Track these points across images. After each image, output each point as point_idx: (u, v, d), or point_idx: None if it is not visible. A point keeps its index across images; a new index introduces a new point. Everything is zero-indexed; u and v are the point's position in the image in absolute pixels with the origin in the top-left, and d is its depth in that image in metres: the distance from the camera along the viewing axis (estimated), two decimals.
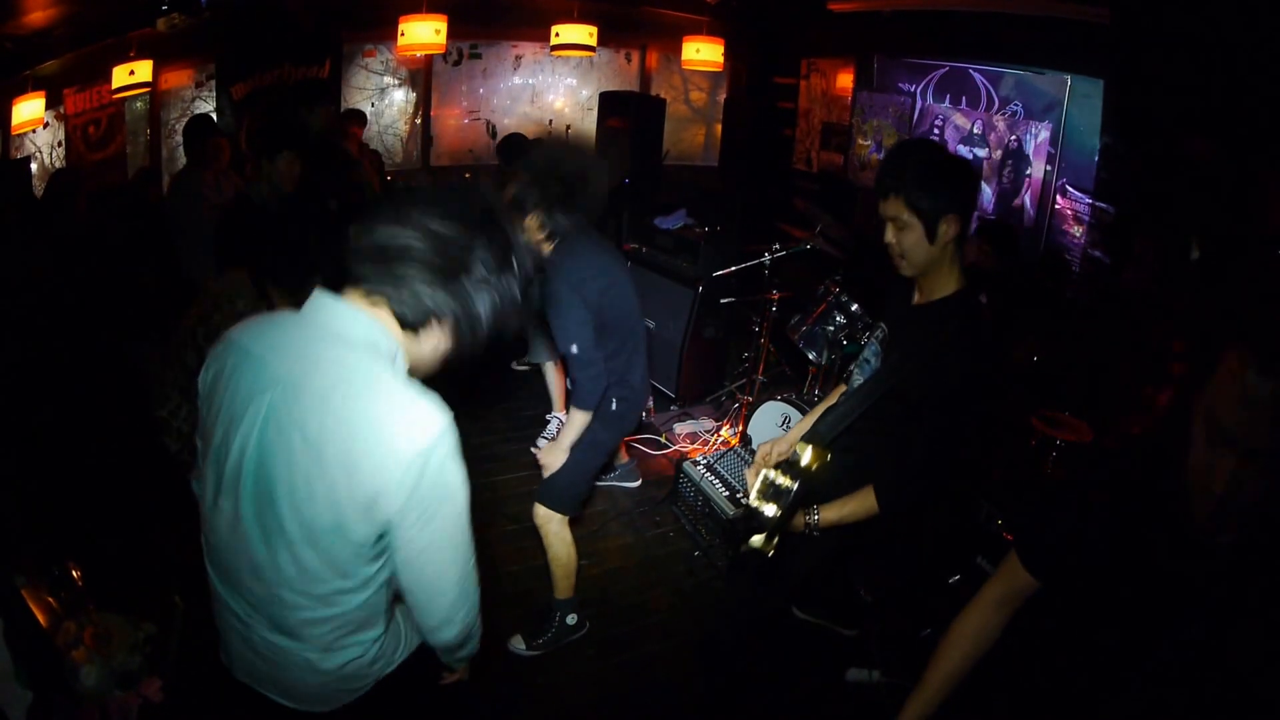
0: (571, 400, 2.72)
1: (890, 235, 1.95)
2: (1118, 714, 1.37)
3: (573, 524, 2.95)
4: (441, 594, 1.39)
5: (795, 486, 1.72)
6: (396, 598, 1.49)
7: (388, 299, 1.29)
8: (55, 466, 3.04)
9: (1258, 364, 1.10)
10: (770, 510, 1.72)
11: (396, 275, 1.27)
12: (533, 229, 2.59)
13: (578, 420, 2.72)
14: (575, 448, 2.79)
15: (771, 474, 1.77)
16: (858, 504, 1.99)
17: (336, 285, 1.31)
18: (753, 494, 1.79)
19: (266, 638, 1.39)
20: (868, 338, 2.28)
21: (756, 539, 1.75)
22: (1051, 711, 1.57)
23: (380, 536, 1.30)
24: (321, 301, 1.31)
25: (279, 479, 1.26)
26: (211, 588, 1.43)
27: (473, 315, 1.33)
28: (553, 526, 2.88)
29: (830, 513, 2.00)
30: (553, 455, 2.80)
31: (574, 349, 2.60)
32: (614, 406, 2.83)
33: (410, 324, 1.31)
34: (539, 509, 2.87)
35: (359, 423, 1.23)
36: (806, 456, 1.75)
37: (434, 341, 1.36)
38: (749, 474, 2.15)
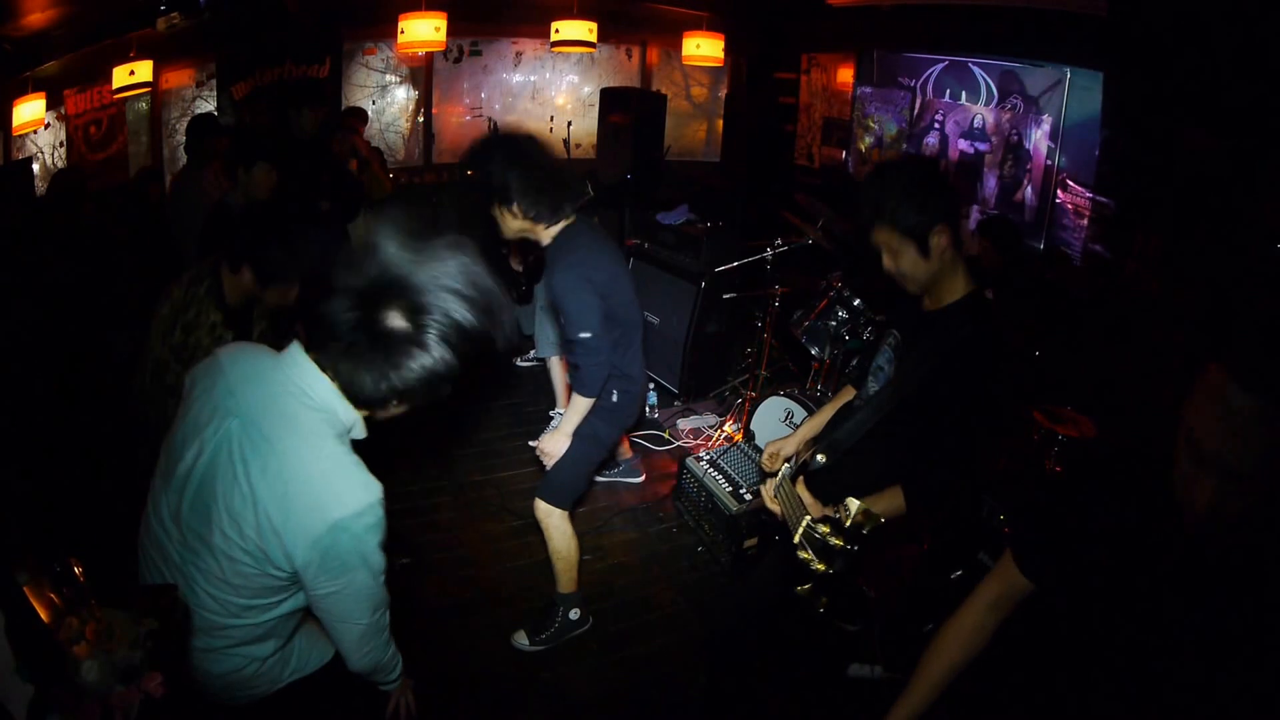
0: (574, 386, 2.73)
1: (887, 261, 1.97)
2: (1112, 715, 1.37)
3: (576, 520, 2.96)
4: (348, 632, 1.56)
5: (850, 549, 1.68)
6: (301, 622, 1.67)
7: (350, 388, 1.41)
8: (56, 463, 3.06)
9: (1240, 380, 1.04)
10: (822, 568, 1.69)
11: (364, 369, 1.36)
12: (530, 221, 2.62)
13: (580, 406, 2.72)
14: (575, 440, 2.80)
15: (817, 528, 1.73)
16: (887, 503, 1.96)
17: (315, 342, 1.42)
18: (800, 540, 1.76)
19: None
20: (873, 335, 2.28)
21: (805, 587, 1.73)
22: (1044, 713, 1.57)
23: (295, 575, 1.44)
24: (296, 356, 1.43)
25: (218, 495, 1.40)
26: (143, 566, 1.57)
27: (437, 390, 1.42)
28: (554, 521, 2.89)
29: None
30: (554, 442, 2.81)
31: (584, 334, 2.60)
32: (614, 399, 2.83)
33: (368, 406, 1.45)
34: (539, 504, 2.88)
35: (296, 477, 1.37)
36: (852, 514, 1.71)
37: (392, 409, 1.48)
38: (765, 489, 2.14)
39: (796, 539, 1.77)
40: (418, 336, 1.34)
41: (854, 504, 1.73)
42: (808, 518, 1.79)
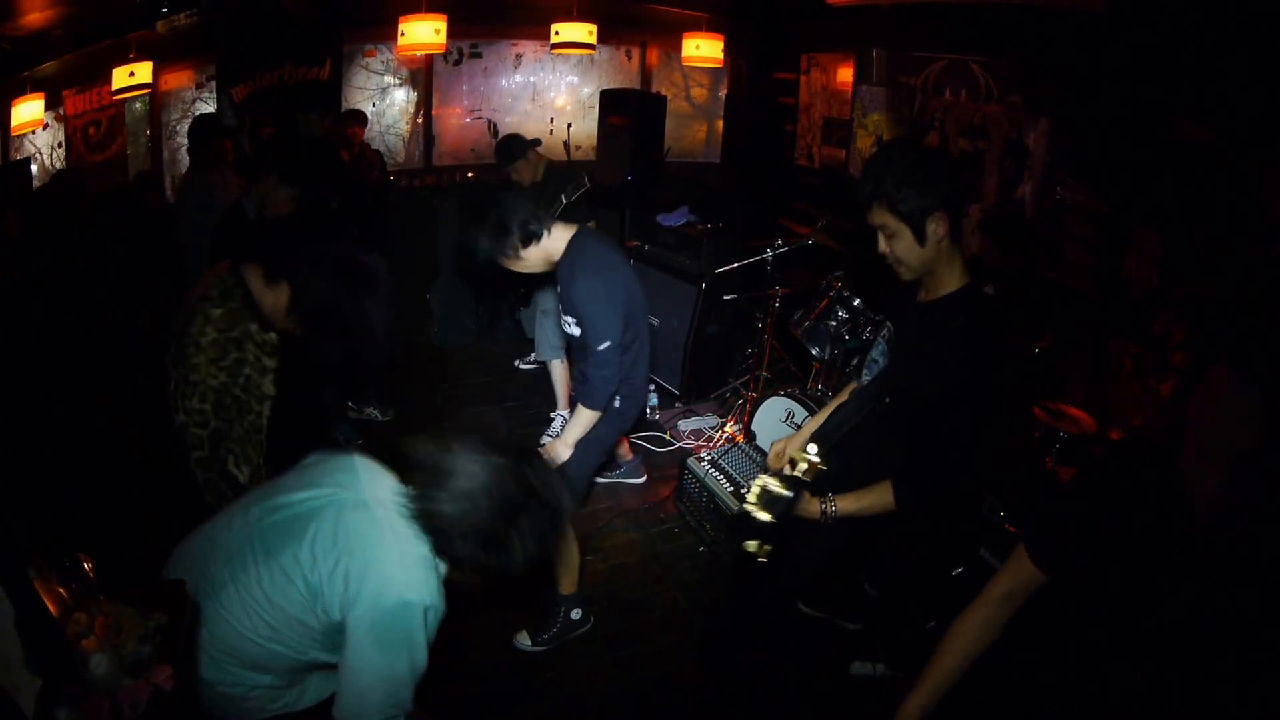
0: (581, 397, 2.72)
1: (882, 244, 1.94)
2: (1121, 707, 1.37)
3: (578, 521, 2.96)
4: (361, 712, 1.55)
5: (791, 495, 1.75)
6: (305, 677, 1.73)
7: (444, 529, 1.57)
8: (64, 460, 3.05)
9: (1240, 373, 1.09)
10: (765, 517, 1.76)
11: (461, 532, 1.54)
12: (533, 243, 2.64)
13: (585, 418, 2.72)
14: (577, 446, 2.80)
15: (769, 481, 1.79)
16: (876, 498, 1.99)
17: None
18: (750, 497, 1.82)
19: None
20: (871, 334, 2.28)
21: (751, 544, 1.80)
22: (1055, 704, 1.58)
23: (336, 630, 1.53)
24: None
25: (310, 530, 1.53)
26: (174, 565, 1.65)
27: (487, 573, 1.62)
28: None
29: (847, 503, 2.00)
30: (558, 451, 2.81)
31: (606, 344, 2.60)
32: (617, 404, 2.83)
33: (437, 552, 1.59)
34: None
35: (389, 553, 1.51)
36: (802, 467, 1.77)
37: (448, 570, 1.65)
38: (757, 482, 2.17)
39: (751, 498, 1.81)
40: (512, 543, 1.55)
41: (802, 460, 1.78)
42: (762, 477, 1.82)
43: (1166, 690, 1.28)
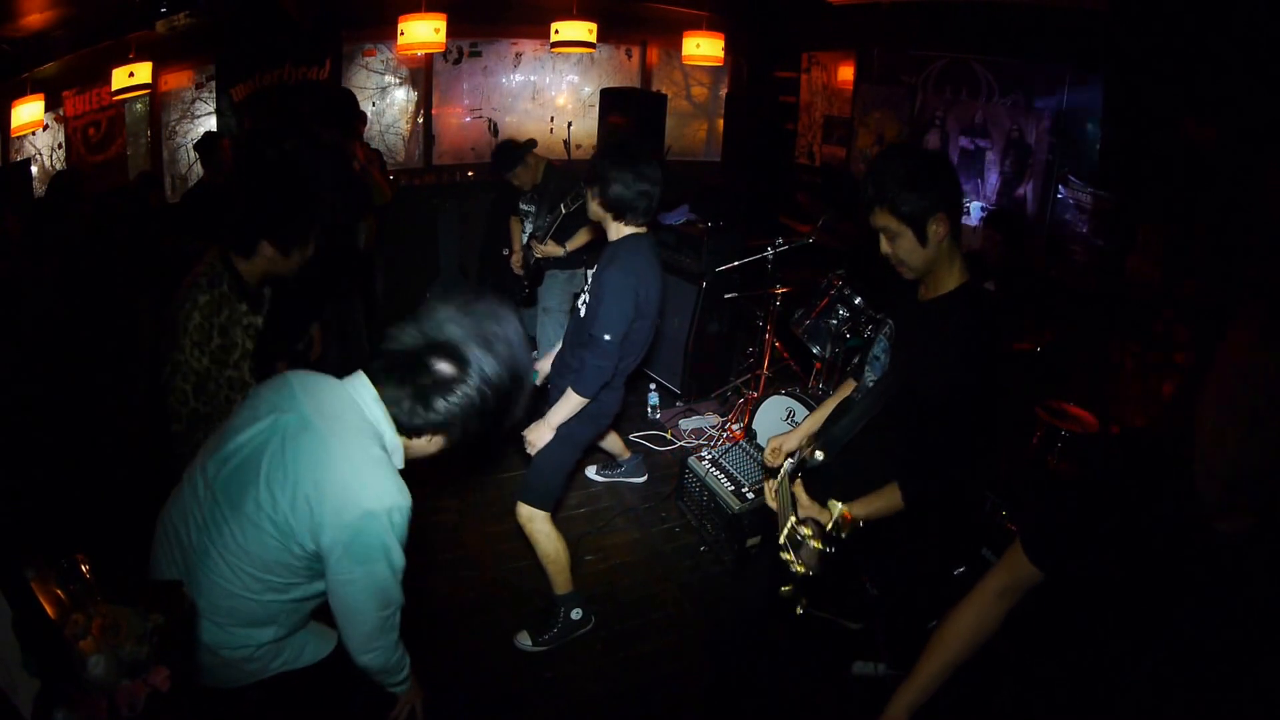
0: (572, 381, 2.72)
1: (884, 246, 1.98)
2: (1119, 707, 1.36)
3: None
4: (360, 624, 1.63)
5: (828, 551, 1.76)
6: (307, 618, 1.76)
7: (394, 413, 1.59)
8: (63, 460, 3.05)
9: (1271, 326, 1.06)
10: (801, 570, 1.76)
11: (408, 398, 1.57)
12: (605, 212, 2.72)
13: (571, 401, 2.73)
14: (554, 443, 2.81)
15: (800, 530, 1.80)
16: (884, 501, 1.98)
17: (374, 374, 1.62)
18: (782, 537, 1.82)
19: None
20: (873, 331, 2.29)
21: (787, 589, 1.79)
22: (1053, 703, 1.57)
23: (315, 558, 1.55)
24: (360, 382, 1.62)
25: (261, 470, 1.52)
26: (158, 536, 1.68)
27: (467, 429, 1.64)
28: (536, 524, 2.90)
29: (857, 510, 1.99)
30: (539, 432, 2.81)
31: (606, 335, 2.63)
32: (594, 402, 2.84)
33: (408, 433, 1.62)
34: (521, 508, 2.89)
35: (338, 465, 1.51)
36: (834, 518, 1.78)
37: (429, 444, 1.67)
38: (767, 487, 2.16)
39: (781, 540, 1.81)
40: (456, 380, 1.56)
41: (836, 506, 1.78)
42: (793, 519, 1.83)
43: (1168, 687, 1.27)
